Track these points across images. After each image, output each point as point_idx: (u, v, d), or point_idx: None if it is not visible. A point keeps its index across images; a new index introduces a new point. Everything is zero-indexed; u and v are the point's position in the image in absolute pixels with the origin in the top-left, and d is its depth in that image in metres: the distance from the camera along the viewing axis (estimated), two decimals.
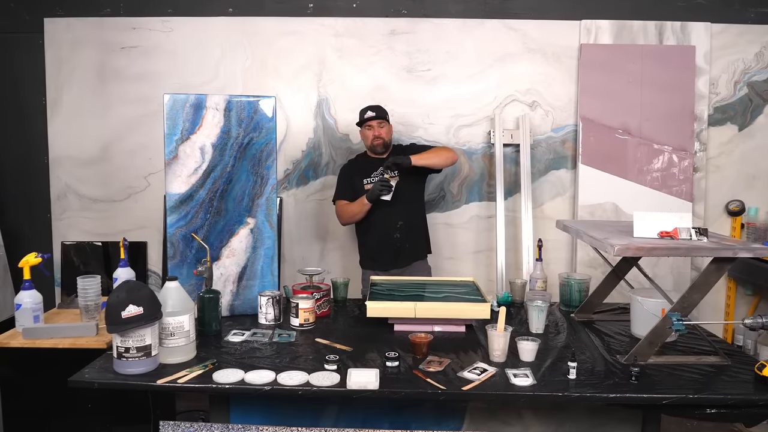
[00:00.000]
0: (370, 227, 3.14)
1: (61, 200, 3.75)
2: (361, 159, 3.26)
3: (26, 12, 3.68)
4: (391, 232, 3.10)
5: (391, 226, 3.10)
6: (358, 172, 3.19)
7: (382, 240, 3.13)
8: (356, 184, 3.16)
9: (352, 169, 3.25)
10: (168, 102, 2.37)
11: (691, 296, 1.95)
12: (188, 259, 2.42)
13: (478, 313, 2.26)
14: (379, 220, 3.10)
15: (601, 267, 3.32)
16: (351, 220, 3.19)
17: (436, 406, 2.08)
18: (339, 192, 3.24)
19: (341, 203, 3.19)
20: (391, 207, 3.03)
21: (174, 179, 2.40)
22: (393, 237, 3.10)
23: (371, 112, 3.13)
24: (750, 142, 3.62)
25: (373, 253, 3.20)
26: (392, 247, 3.12)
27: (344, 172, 3.27)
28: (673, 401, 1.74)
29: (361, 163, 3.23)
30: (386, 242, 3.12)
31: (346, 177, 3.23)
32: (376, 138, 3.13)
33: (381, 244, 3.14)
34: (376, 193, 2.96)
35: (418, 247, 3.21)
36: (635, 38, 3.58)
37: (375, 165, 3.12)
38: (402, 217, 3.10)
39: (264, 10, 3.64)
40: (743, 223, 3.64)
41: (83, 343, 2.23)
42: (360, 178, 3.16)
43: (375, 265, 3.17)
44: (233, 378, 1.81)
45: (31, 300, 2.34)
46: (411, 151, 3.12)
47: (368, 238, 3.20)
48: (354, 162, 3.30)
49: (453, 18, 3.62)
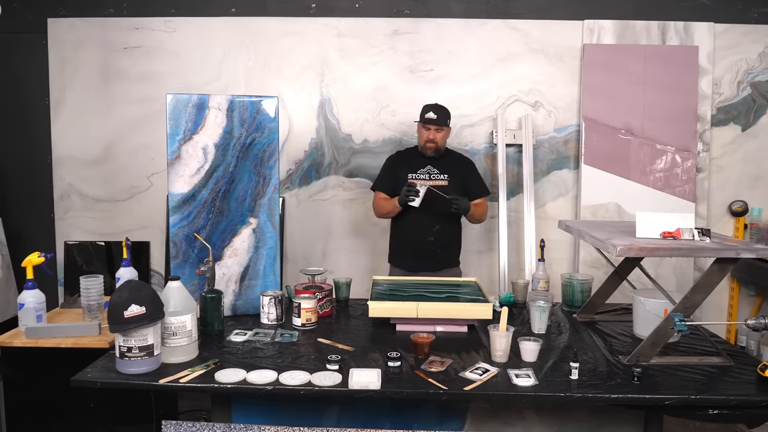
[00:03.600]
0: (406, 225, 3.07)
1: (64, 200, 3.76)
2: (411, 152, 3.18)
3: (29, 12, 3.69)
4: (426, 235, 3.04)
5: (427, 229, 3.04)
6: (405, 164, 3.11)
7: (415, 241, 3.07)
8: (400, 176, 3.07)
9: (399, 160, 3.18)
10: (171, 102, 2.37)
11: (693, 297, 1.94)
12: (191, 259, 2.42)
13: (480, 313, 2.26)
14: (415, 221, 3.02)
15: (603, 267, 3.32)
16: (384, 216, 3.17)
17: (437, 406, 2.07)
18: (379, 181, 3.18)
19: (379, 195, 3.14)
20: (431, 210, 2.96)
21: (176, 179, 2.40)
22: (426, 240, 3.04)
23: (433, 114, 3.02)
24: (753, 142, 3.62)
25: (403, 252, 3.14)
26: (424, 249, 3.05)
27: (390, 162, 3.20)
28: (675, 402, 1.73)
29: (409, 157, 3.15)
30: (419, 244, 3.06)
31: (391, 167, 3.16)
32: (429, 141, 3.04)
33: (413, 245, 3.08)
34: (403, 199, 2.92)
35: (450, 254, 3.15)
36: (638, 38, 3.57)
37: (423, 161, 3.08)
38: (439, 223, 3.04)
39: (266, 10, 3.64)
40: (746, 224, 3.63)
41: (86, 342, 2.24)
42: (405, 172, 3.08)
43: (403, 263, 3.12)
44: (235, 378, 1.81)
45: (34, 299, 2.34)
46: (470, 180, 3.11)
47: (402, 235, 3.14)
48: (402, 154, 3.23)
49: (455, 18, 3.61)
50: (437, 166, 3.09)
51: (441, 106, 3.08)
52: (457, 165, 3.13)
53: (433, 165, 3.09)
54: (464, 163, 3.18)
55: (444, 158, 3.12)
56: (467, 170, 3.15)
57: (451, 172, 3.08)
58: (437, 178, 3.06)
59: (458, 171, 3.11)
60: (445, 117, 3.06)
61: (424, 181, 3.01)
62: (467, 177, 3.12)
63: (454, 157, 3.19)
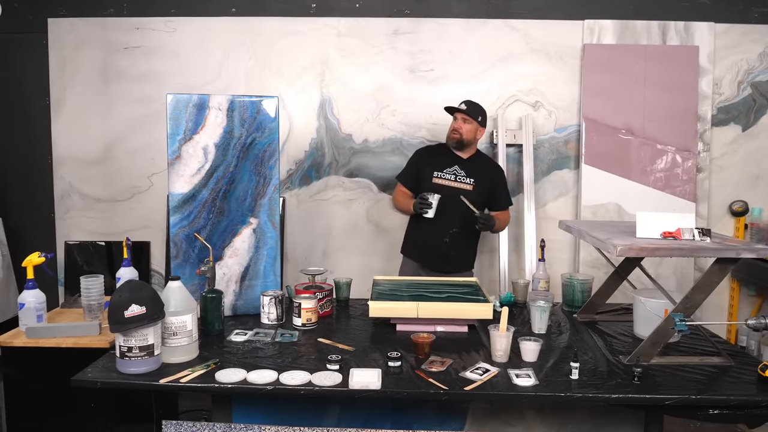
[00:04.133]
0: (424, 221, 2.95)
1: (64, 200, 3.76)
2: (441, 148, 3.12)
3: (30, 12, 3.69)
4: (443, 235, 3.00)
5: (444, 230, 2.99)
6: (432, 161, 3.07)
7: (431, 239, 3.03)
8: (425, 172, 3.04)
9: (426, 154, 3.14)
10: (171, 102, 2.37)
11: (694, 297, 1.94)
12: (191, 259, 2.42)
13: (481, 313, 2.26)
14: (434, 219, 2.92)
15: (603, 267, 3.32)
16: (401, 212, 3.20)
17: (438, 406, 2.07)
18: (404, 173, 3.16)
19: (400, 188, 3.14)
20: (451, 211, 2.93)
21: (177, 179, 2.40)
22: (442, 240, 3.00)
23: (464, 104, 3.00)
24: (754, 142, 3.61)
25: (417, 246, 3.11)
26: (439, 249, 3.02)
27: (418, 155, 3.16)
28: (675, 402, 1.74)
29: (438, 153, 3.11)
30: (434, 243, 3.02)
31: (418, 161, 3.12)
32: (454, 131, 3.00)
33: (428, 243, 3.05)
34: (417, 210, 2.90)
35: (465, 258, 3.11)
36: (638, 38, 3.57)
37: (450, 159, 3.04)
38: (457, 225, 2.99)
39: (267, 10, 3.64)
40: (747, 224, 3.63)
41: (86, 342, 2.24)
42: (431, 169, 3.04)
43: (416, 257, 3.11)
44: (235, 377, 1.81)
45: (35, 299, 2.34)
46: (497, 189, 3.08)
47: (419, 229, 3.08)
48: (432, 149, 3.20)
49: (456, 18, 3.61)
50: (465, 168, 3.03)
51: (475, 102, 3.05)
52: (486, 171, 3.08)
53: (461, 166, 3.03)
54: (493, 170, 3.13)
55: (473, 160, 3.07)
56: (495, 178, 3.10)
57: (478, 177, 3.02)
58: (463, 180, 3.01)
59: (486, 177, 3.05)
60: (476, 111, 3.00)
61: (450, 182, 2.99)
62: (494, 185, 3.07)
63: (484, 161, 3.15)
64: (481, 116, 3.03)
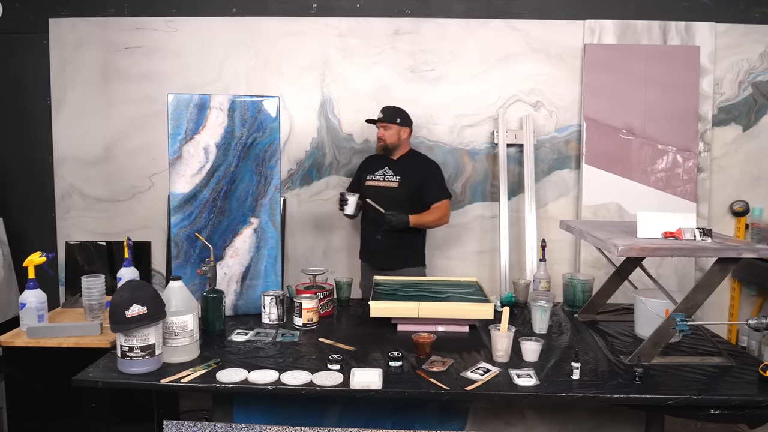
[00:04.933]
0: (363, 222, 3.29)
1: (65, 200, 3.76)
2: (377, 155, 3.33)
3: (31, 12, 3.70)
4: (375, 233, 3.16)
5: (376, 228, 3.13)
6: (368, 167, 3.29)
7: (367, 237, 3.28)
8: (363, 178, 3.27)
9: (365, 162, 3.37)
10: (172, 102, 2.37)
11: (695, 297, 1.94)
12: (192, 259, 2.43)
13: (482, 313, 2.26)
14: (369, 219, 3.21)
15: (604, 267, 3.32)
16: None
17: (439, 406, 2.07)
18: (351, 183, 3.42)
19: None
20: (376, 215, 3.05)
21: (178, 179, 2.40)
22: (375, 238, 3.17)
23: (380, 113, 3.19)
24: (754, 142, 3.61)
25: (363, 248, 3.34)
26: (375, 246, 3.21)
27: (360, 165, 3.40)
28: (676, 402, 1.74)
29: (374, 159, 3.33)
30: (370, 241, 3.25)
31: (359, 170, 3.37)
32: (378, 140, 3.21)
33: (366, 241, 3.30)
34: (339, 209, 3.10)
35: (406, 254, 3.19)
36: (639, 38, 3.57)
37: (382, 163, 3.23)
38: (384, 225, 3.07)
39: (267, 10, 3.64)
40: (747, 224, 3.62)
41: (87, 342, 2.24)
42: (366, 173, 3.27)
43: (366, 258, 3.30)
44: (236, 377, 1.82)
45: (36, 299, 2.35)
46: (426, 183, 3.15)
47: (362, 232, 3.36)
48: (370, 157, 3.39)
49: (456, 18, 3.61)
50: (393, 168, 3.19)
51: (391, 106, 3.23)
52: (415, 168, 3.19)
53: (390, 167, 3.20)
54: (423, 166, 3.23)
55: (403, 159, 3.22)
56: (425, 173, 3.19)
57: (405, 174, 3.16)
58: (390, 179, 3.17)
59: (414, 174, 3.16)
60: (393, 115, 3.17)
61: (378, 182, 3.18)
62: (423, 180, 3.16)
63: (415, 159, 3.26)
64: (400, 118, 3.18)
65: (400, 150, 3.22)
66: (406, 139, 3.24)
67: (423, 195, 3.15)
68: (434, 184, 3.19)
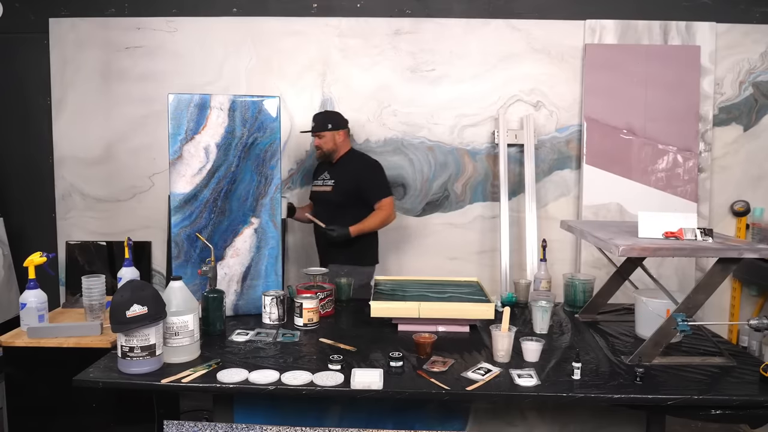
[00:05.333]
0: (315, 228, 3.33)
1: (65, 200, 3.76)
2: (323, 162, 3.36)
3: (31, 12, 3.69)
4: (318, 236, 3.26)
5: (316, 228, 3.22)
6: (315, 173, 3.40)
7: (315, 240, 3.37)
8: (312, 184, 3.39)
9: (315, 169, 3.45)
10: (172, 102, 2.37)
11: (696, 297, 1.94)
12: (192, 259, 2.42)
13: (482, 313, 2.26)
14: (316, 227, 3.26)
15: (605, 267, 3.31)
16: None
17: (439, 406, 2.07)
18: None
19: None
20: (320, 214, 3.15)
21: (178, 179, 2.40)
22: (317, 241, 3.32)
23: (312, 123, 3.23)
24: (755, 142, 3.61)
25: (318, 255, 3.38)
26: (321, 247, 3.30)
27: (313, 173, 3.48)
28: (677, 402, 1.73)
29: (320, 165, 3.38)
30: (317, 243, 3.35)
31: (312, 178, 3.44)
32: (316, 149, 3.26)
33: (315, 244, 3.38)
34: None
35: (348, 253, 3.14)
36: (640, 38, 3.57)
37: (322, 168, 3.30)
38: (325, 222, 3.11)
39: (268, 10, 3.64)
40: (748, 224, 3.62)
41: (88, 342, 2.24)
42: (313, 180, 3.38)
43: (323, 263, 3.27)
44: (237, 378, 1.81)
45: (36, 299, 2.34)
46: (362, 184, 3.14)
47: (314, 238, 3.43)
48: (318, 165, 3.43)
49: (457, 18, 3.61)
50: (330, 172, 3.24)
51: (320, 113, 3.29)
52: (350, 169, 3.19)
53: (329, 171, 3.25)
54: (360, 168, 3.21)
55: (340, 163, 3.24)
56: (360, 175, 3.17)
57: (339, 177, 3.18)
58: (326, 183, 3.22)
59: (349, 175, 3.17)
60: (323, 123, 3.19)
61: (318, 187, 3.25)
62: (358, 182, 3.14)
63: (352, 161, 3.25)
64: (331, 123, 3.20)
65: (339, 153, 3.23)
66: (344, 140, 3.24)
67: (363, 196, 3.13)
68: (373, 184, 3.17)
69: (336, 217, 3.10)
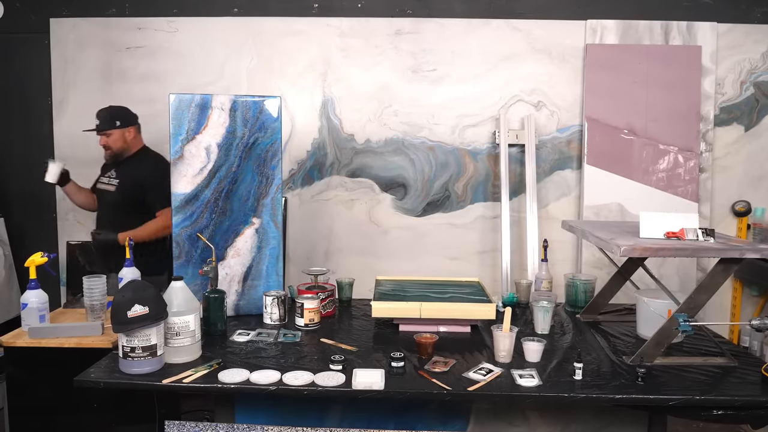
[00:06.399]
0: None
1: (66, 200, 3.73)
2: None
3: (32, 12, 3.70)
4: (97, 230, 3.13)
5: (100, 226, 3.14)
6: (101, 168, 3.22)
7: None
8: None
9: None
10: (173, 102, 2.37)
11: (697, 297, 1.94)
12: (193, 259, 2.42)
13: (484, 313, 2.26)
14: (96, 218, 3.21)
15: (606, 267, 3.31)
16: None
17: (441, 406, 2.07)
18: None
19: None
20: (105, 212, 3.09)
21: (179, 179, 2.40)
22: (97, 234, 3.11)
23: (96, 120, 3.02)
24: (756, 142, 3.61)
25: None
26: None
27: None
28: (679, 402, 1.73)
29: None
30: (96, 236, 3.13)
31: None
32: (104, 148, 3.07)
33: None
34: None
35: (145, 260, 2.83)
36: (641, 38, 3.56)
37: (110, 165, 3.13)
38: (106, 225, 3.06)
39: (269, 10, 3.64)
40: (749, 224, 3.62)
41: (89, 342, 2.24)
42: (100, 174, 3.21)
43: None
44: (238, 378, 1.81)
45: (37, 299, 2.34)
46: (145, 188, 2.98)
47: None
48: None
49: (458, 18, 3.61)
50: (117, 170, 3.09)
51: (106, 109, 3.07)
52: (138, 169, 3.04)
53: (116, 168, 3.10)
54: (148, 168, 3.05)
55: (130, 162, 3.08)
56: (147, 176, 3.00)
57: (125, 177, 3.04)
58: (111, 182, 3.08)
59: (135, 177, 3.02)
60: (110, 121, 3.00)
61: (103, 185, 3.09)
62: (144, 183, 3.00)
63: (143, 161, 3.10)
64: (119, 120, 3.02)
65: (130, 151, 3.08)
66: (135, 138, 3.08)
67: (146, 200, 2.98)
68: (155, 189, 2.94)
69: (119, 219, 2.95)
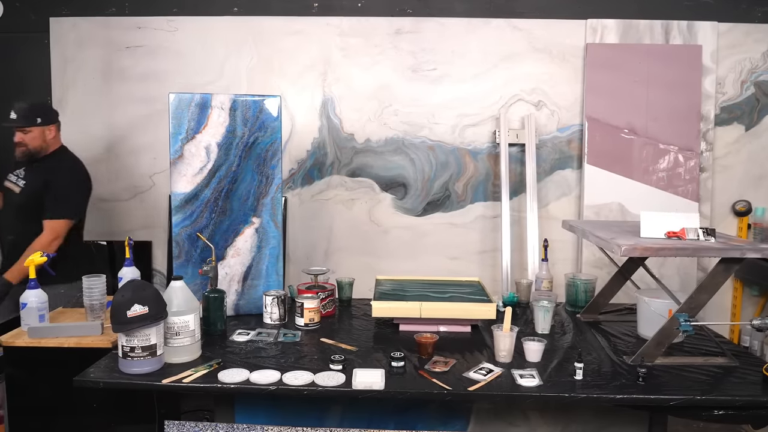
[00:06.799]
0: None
1: None
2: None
3: (32, 11, 3.69)
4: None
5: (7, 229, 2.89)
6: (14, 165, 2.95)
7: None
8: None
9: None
10: (173, 101, 2.37)
11: (698, 297, 1.94)
12: (193, 259, 2.42)
13: (484, 313, 2.25)
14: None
15: (606, 267, 3.31)
16: None
17: (441, 406, 2.07)
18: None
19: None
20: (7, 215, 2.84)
21: (179, 179, 2.40)
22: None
23: (13, 113, 2.73)
24: (757, 141, 3.60)
25: None
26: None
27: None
28: (680, 402, 1.73)
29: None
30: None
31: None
32: (17, 144, 2.77)
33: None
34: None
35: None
36: (641, 38, 3.56)
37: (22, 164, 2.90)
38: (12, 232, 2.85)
39: (269, 9, 3.63)
40: (750, 224, 3.62)
41: (88, 342, 2.23)
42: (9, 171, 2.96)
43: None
44: (238, 378, 1.81)
45: (37, 299, 2.34)
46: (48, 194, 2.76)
47: None
48: None
49: (458, 17, 3.60)
50: (27, 170, 2.88)
51: (27, 105, 2.82)
52: (49, 171, 2.81)
53: (27, 168, 2.88)
54: (55, 173, 2.81)
55: (44, 161, 2.85)
56: (52, 180, 2.79)
57: (33, 179, 2.83)
58: (17, 183, 2.87)
59: (42, 179, 2.80)
60: (30, 117, 2.75)
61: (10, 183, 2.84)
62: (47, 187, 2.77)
63: (57, 161, 2.88)
64: (41, 117, 2.79)
65: (47, 151, 2.86)
66: (54, 137, 2.87)
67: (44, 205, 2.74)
68: (57, 194, 2.74)
69: (23, 226, 2.75)
